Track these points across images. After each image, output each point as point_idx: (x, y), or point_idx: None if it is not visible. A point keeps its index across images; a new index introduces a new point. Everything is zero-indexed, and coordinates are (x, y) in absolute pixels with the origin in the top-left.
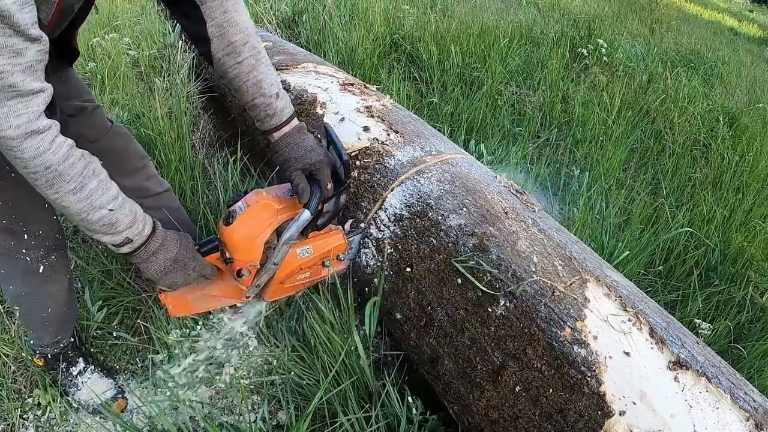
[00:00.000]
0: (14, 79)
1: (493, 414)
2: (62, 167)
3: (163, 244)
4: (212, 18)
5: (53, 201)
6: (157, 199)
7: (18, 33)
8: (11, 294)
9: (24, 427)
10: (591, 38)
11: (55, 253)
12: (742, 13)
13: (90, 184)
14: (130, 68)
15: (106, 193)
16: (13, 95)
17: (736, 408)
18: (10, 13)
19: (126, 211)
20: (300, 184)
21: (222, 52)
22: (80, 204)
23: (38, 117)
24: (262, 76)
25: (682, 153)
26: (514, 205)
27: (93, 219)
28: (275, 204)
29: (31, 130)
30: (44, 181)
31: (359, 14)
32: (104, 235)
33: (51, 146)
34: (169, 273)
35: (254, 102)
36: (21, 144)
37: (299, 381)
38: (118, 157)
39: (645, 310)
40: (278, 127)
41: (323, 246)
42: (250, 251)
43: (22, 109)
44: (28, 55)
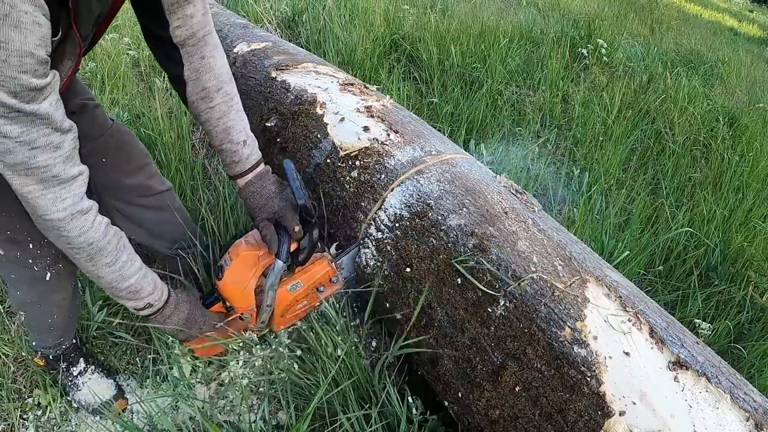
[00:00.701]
0: (57, 170)
1: (493, 414)
2: (102, 243)
3: (177, 308)
4: (190, 62)
5: (89, 272)
6: (160, 197)
7: (56, 130)
8: (17, 300)
9: (24, 427)
10: (591, 38)
11: (61, 261)
12: (742, 13)
13: (122, 257)
14: (130, 68)
15: (134, 264)
16: (56, 183)
17: (736, 408)
18: (49, 115)
19: (149, 279)
20: (267, 235)
21: (196, 96)
22: (113, 275)
23: (81, 199)
24: (232, 123)
25: (682, 153)
26: (514, 205)
27: (122, 287)
28: (255, 251)
29: (76, 211)
30: (85, 256)
31: (359, 14)
32: (128, 300)
33: (93, 225)
34: (183, 330)
35: (222, 147)
36: (67, 225)
37: (299, 381)
38: (121, 154)
39: (645, 310)
40: (243, 174)
41: (311, 277)
42: (243, 299)
43: (66, 193)
44: (66, 146)
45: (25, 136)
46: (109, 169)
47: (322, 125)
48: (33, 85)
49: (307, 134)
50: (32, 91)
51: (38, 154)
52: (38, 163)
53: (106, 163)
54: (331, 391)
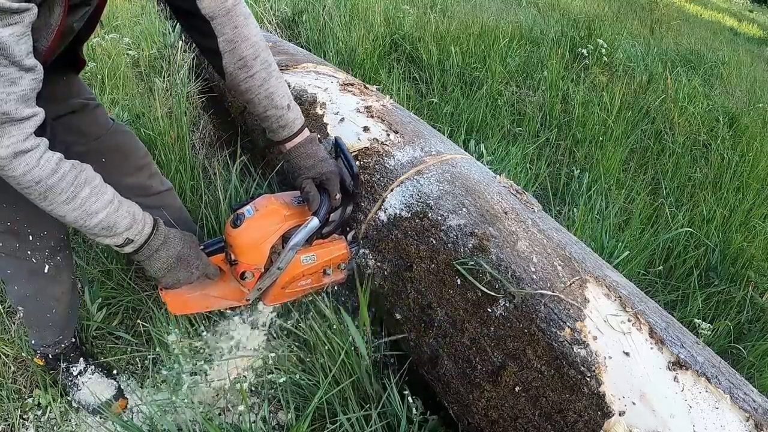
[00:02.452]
0: (8, 107)
1: (492, 414)
2: (51, 180)
3: (166, 242)
4: (223, 33)
5: (49, 212)
6: (160, 197)
7: (13, 63)
8: (16, 295)
9: (24, 427)
10: (591, 38)
11: (60, 253)
12: (742, 13)
13: (82, 192)
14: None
15: (101, 198)
16: (5, 120)
17: (736, 408)
18: (6, 45)
19: (123, 212)
20: (310, 192)
21: (233, 66)
22: (75, 212)
23: (26, 138)
24: (274, 89)
25: (682, 153)
26: (514, 205)
27: (91, 224)
28: (284, 210)
29: (19, 150)
30: (37, 195)
31: (359, 14)
32: (105, 237)
33: (39, 162)
34: (172, 270)
35: (266, 114)
36: (10, 163)
37: (299, 381)
38: (121, 154)
39: (645, 310)
40: (290, 138)
41: (327, 254)
42: (257, 254)
43: (13, 130)
44: (23, 84)
45: None
46: (108, 169)
47: (322, 125)
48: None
49: None
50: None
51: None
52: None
53: (105, 163)
54: (331, 390)
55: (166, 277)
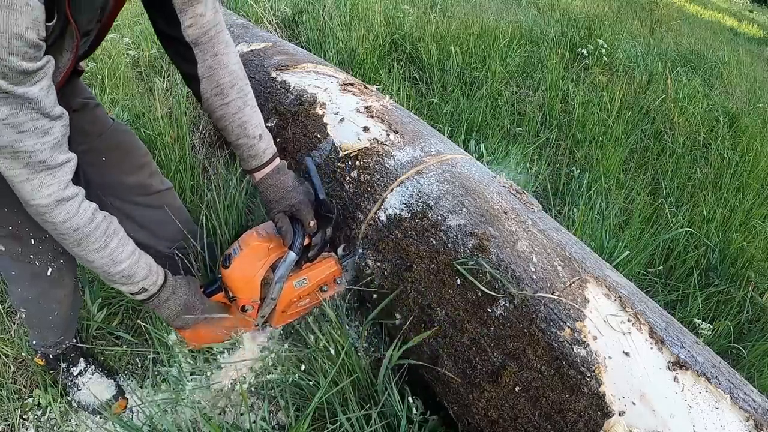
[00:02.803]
0: (43, 156)
1: (492, 414)
2: (88, 229)
3: (174, 292)
4: (203, 60)
5: (79, 257)
6: (160, 196)
7: (45, 115)
8: (18, 297)
9: (24, 427)
10: (591, 38)
11: (63, 256)
12: (742, 13)
13: (112, 242)
14: (130, 68)
15: (126, 249)
16: (42, 169)
17: (736, 408)
18: (38, 100)
19: (142, 263)
20: (282, 226)
21: (210, 92)
22: (104, 260)
23: (66, 186)
24: (247, 118)
25: (682, 153)
26: (514, 205)
27: (114, 272)
28: (266, 243)
29: (60, 198)
30: (72, 241)
31: (359, 14)
32: (122, 285)
33: (78, 211)
34: (180, 316)
35: (238, 142)
36: (52, 211)
37: (299, 381)
38: (122, 152)
39: (645, 310)
40: (259, 168)
41: (318, 275)
42: (249, 290)
43: (51, 179)
44: (54, 132)
45: (12, 118)
46: (109, 167)
47: (321, 125)
48: (22, 68)
49: (307, 134)
50: (21, 74)
51: (25, 138)
52: (25, 147)
53: (106, 161)
54: (331, 391)
55: (176, 321)
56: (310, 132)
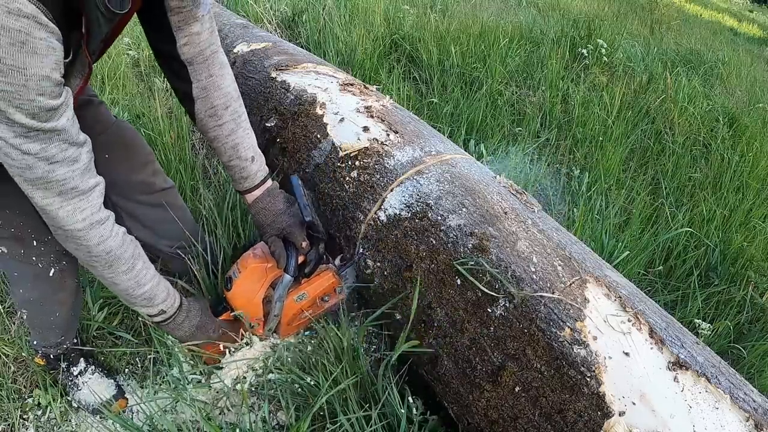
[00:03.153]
0: (75, 182)
1: (492, 414)
2: (119, 252)
3: (188, 315)
4: (198, 80)
5: (107, 279)
6: (163, 195)
7: (72, 144)
8: (20, 298)
9: (24, 427)
10: (591, 38)
11: (65, 258)
12: (742, 13)
13: (138, 264)
14: (130, 68)
15: (149, 272)
16: (75, 195)
17: (736, 408)
18: (66, 131)
19: (162, 287)
20: (275, 250)
21: (204, 113)
22: (130, 282)
23: (99, 209)
24: (240, 140)
25: (682, 153)
26: (514, 205)
27: (137, 294)
28: (264, 264)
29: (95, 221)
30: (104, 263)
31: (359, 14)
32: (142, 307)
33: (111, 234)
34: (193, 337)
35: (230, 163)
36: (86, 234)
37: (299, 381)
38: (126, 150)
39: (645, 310)
40: (251, 190)
41: (317, 288)
42: (252, 309)
43: (85, 204)
44: (83, 158)
45: (44, 152)
46: (112, 165)
47: (321, 125)
48: (50, 106)
49: (306, 134)
50: (49, 111)
51: (57, 168)
52: (57, 177)
53: (109, 159)
54: (331, 391)
55: (189, 342)
56: (309, 132)
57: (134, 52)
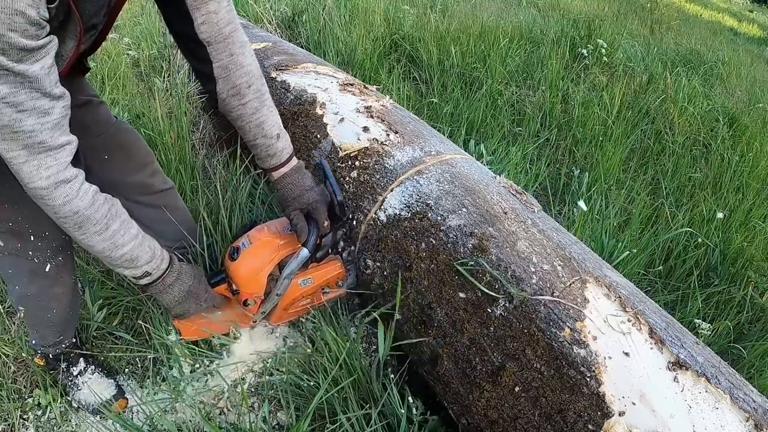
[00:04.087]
0: (43, 136)
1: (492, 414)
2: (89, 212)
3: (179, 277)
4: (218, 59)
5: (80, 241)
6: (162, 196)
7: (45, 95)
8: (17, 295)
9: (24, 427)
10: (591, 38)
11: (61, 254)
12: (742, 13)
13: (113, 225)
14: (130, 68)
15: (128, 232)
16: (42, 150)
17: (736, 408)
18: (38, 79)
19: (145, 247)
20: (298, 224)
21: (226, 93)
22: (104, 243)
23: (66, 168)
24: (264, 118)
25: (682, 153)
26: (514, 205)
27: (116, 256)
28: (277, 240)
29: (60, 180)
30: (72, 224)
31: (359, 14)
32: (125, 269)
33: (78, 194)
34: (182, 303)
35: (256, 142)
36: (51, 193)
37: (299, 381)
38: (125, 151)
39: (645, 310)
40: (277, 167)
41: (323, 276)
42: (255, 284)
43: (51, 161)
44: (55, 113)
45: (12, 97)
46: (111, 166)
47: (321, 125)
48: (22, 45)
49: (306, 134)
50: (22, 51)
51: (25, 118)
52: (24, 128)
53: (108, 160)
54: (331, 390)
55: (177, 308)
56: (309, 132)
57: (134, 52)
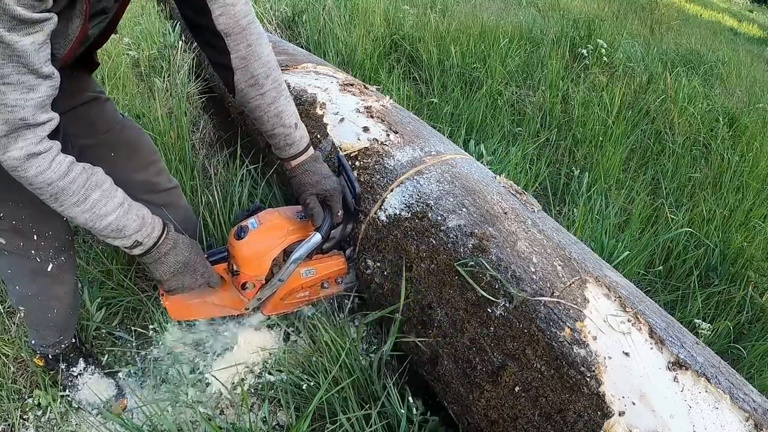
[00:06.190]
0: (25, 113)
1: (492, 414)
2: (63, 183)
3: (175, 247)
4: (236, 50)
5: (60, 212)
6: (167, 194)
7: (32, 71)
8: (18, 294)
9: (24, 428)
10: (591, 38)
11: (64, 254)
12: (742, 13)
13: (93, 195)
14: (130, 68)
15: (111, 201)
16: (21, 126)
17: (736, 408)
18: (26, 53)
19: (133, 215)
20: (315, 208)
21: (245, 83)
22: (86, 214)
23: (40, 141)
24: (283, 108)
25: (682, 153)
26: (514, 205)
27: (101, 226)
28: (287, 225)
29: (32, 152)
30: (48, 196)
31: (359, 14)
32: (114, 239)
33: (50, 165)
34: (177, 275)
35: (274, 132)
36: (23, 164)
37: (298, 381)
38: (131, 149)
39: (644, 310)
40: (295, 156)
41: (326, 269)
42: (259, 266)
43: (28, 134)
44: (40, 91)
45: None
46: (117, 163)
47: (321, 125)
48: (16, 13)
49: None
50: (14, 20)
51: (8, 91)
52: (7, 101)
53: (114, 157)
54: (331, 390)
55: (171, 281)
56: (310, 132)
57: (134, 52)
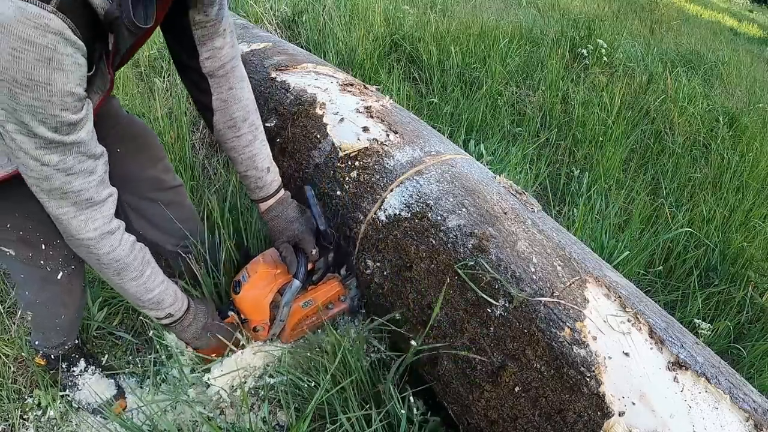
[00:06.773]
0: (90, 193)
1: (492, 414)
2: (128, 260)
3: (195, 317)
4: (218, 92)
5: (115, 284)
6: (173, 192)
7: (90, 156)
8: (26, 299)
9: (24, 428)
10: (591, 38)
11: (74, 262)
12: (742, 13)
13: (146, 271)
14: (130, 68)
15: (157, 278)
16: (89, 205)
17: (736, 408)
18: (85, 143)
19: (170, 291)
20: (287, 256)
21: (223, 125)
22: (138, 288)
23: (110, 220)
24: (257, 152)
25: (682, 153)
26: (514, 205)
27: (145, 299)
28: (272, 270)
29: (106, 231)
30: (113, 271)
31: (359, 14)
32: (150, 310)
33: (120, 243)
34: (200, 338)
35: (246, 173)
36: (97, 244)
37: (299, 382)
38: (138, 145)
39: (644, 310)
40: (265, 199)
41: (323, 296)
42: (259, 313)
43: (97, 215)
44: (98, 170)
45: (63, 163)
46: (125, 159)
47: (321, 126)
48: (72, 120)
49: (306, 135)
50: (71, 126)
51: (73, 180)
52: (73, 188)
53: (120, 153)
54: (331, 390)
55: (195, 344)
56: (309, 132)
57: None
